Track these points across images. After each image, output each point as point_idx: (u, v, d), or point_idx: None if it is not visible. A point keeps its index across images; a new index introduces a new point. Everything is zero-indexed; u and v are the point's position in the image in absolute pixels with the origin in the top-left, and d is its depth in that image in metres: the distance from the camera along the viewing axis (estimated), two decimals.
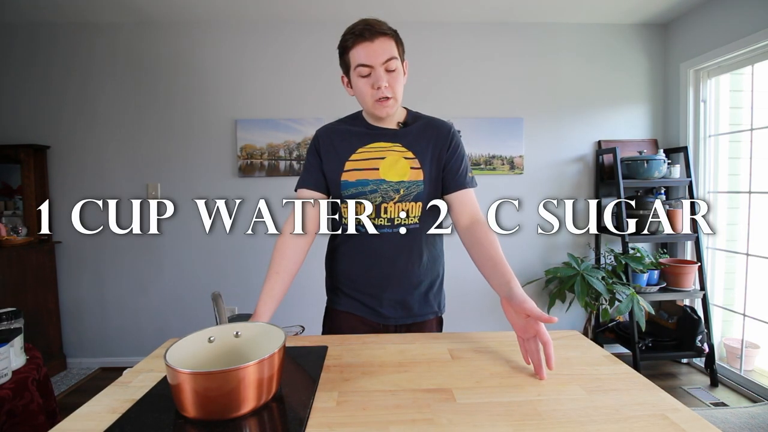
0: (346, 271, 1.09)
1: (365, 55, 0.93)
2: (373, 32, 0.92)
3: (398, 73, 0.96)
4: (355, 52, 0.94)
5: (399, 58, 0.97)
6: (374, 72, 0.94)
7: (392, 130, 1.04)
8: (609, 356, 0.83)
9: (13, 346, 1.39)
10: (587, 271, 2.36)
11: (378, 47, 0.93)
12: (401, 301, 1.06)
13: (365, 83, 0.96)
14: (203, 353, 0.71)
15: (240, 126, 2.59)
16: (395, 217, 1.02)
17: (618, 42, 2.71)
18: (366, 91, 0.96)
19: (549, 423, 0.59)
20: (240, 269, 2.67)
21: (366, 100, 0.98)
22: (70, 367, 2.64)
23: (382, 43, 0.93)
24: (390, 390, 0.69)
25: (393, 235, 1.03)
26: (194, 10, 2.44)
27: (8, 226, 2.43)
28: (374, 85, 0.94)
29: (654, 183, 2.47)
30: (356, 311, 1.08)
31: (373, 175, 1.01)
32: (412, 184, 1.01)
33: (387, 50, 0.94)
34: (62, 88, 2.58)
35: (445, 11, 2.52)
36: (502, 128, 2.67)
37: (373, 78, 0.94)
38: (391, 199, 1.01)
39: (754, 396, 2.18)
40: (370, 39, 0.92)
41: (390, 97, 0.96)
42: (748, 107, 2.36)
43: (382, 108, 0.97)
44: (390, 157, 1.01)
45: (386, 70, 0.94)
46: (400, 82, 0.98)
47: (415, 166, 1.01)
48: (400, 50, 0.98)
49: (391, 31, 0.96)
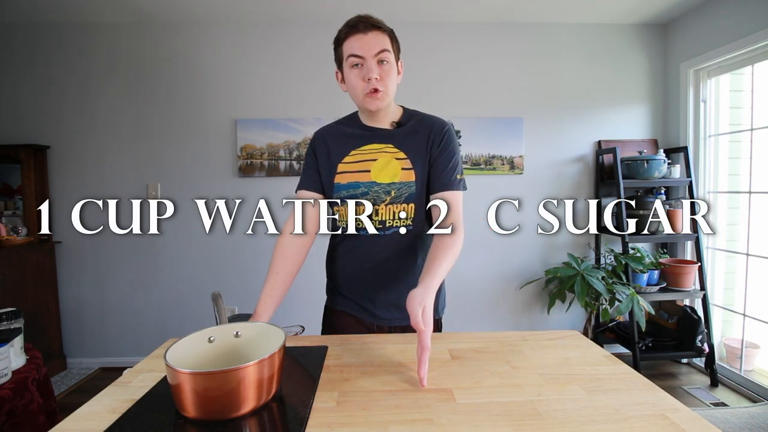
0: (341, 272, 1.09)
1: (358, 46, 0.93)
2: (367, 25, 0.93)
3: (390, 66, 0.96)
4: (348, 44, 0.94)
5: (392, 53, 0.96)
6: (365, 63, 0.93)
7: (386, 130, 1.03)
8: (609, 356, 0.83)
9: (13, 346, 1.39)
10: (587, 271, 2.36)
11: (371, 39, 0.93)
12: (395, 303, 1.05)
13: (356, 75, 0.95)
14: (203, 353, 0.71)
15: (240, 126, 2.59)
16: (387, 219, 1.00)
17: (618, 42, 2.71)
18: (357, 84, 0.95)
19: (549, 423, 0.59)
20: (240, 269, 2.67)
21: (357, 93, 0.97)
22: (70, 367, 2.64)
23: (375, 36, 0.93)
24: (390, 390, 0.69)
25: (385, 237, 1.01)
26: (194, 10, 2.44)
27: (8, 226, 2.43)
28: (365, 77, 0.94)
29: (654, 183, 2.47)
30: (352, 311, 1.08)
31: (364, 178, 1.00)
32: (403, 186, 0.99)
33: (380, 43, 0.93)
34: (62, 88, 2.58)
35: (445, 11, 2.52)
36: (502, 128, 2.67)
37: (364, 70, 0.94)
38: (382, 201, 1.00)
39: (754, 396, 2.18)
40: (364, 31, 0.93)
41: (380, 90, 0.94)
42: (748, 107, 2.36)
43: (372, 101, 0.96)
44: (381, 159, 1.00)
45: (378, 62, 0.94)
46: (392, 77, 0.97)
47: (406, 167, 1.00)
48: (395, 47, 0.98)
49: (386, 27, 0.96)
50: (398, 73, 1.01)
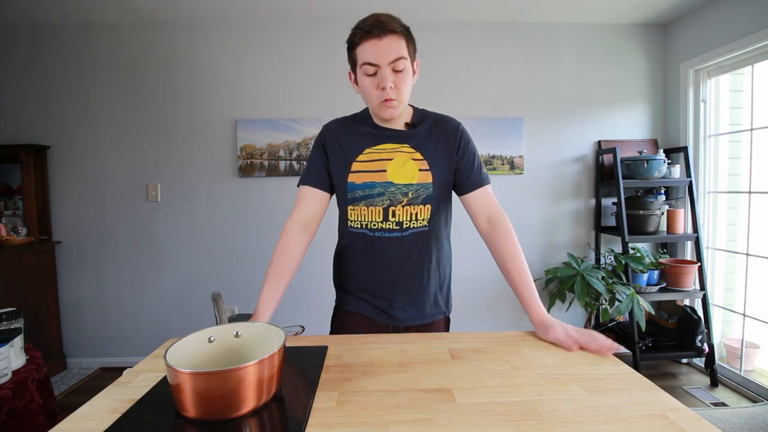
0: (355, 273, 1.07)
1: (372, 54, 0.90)
2: (383, 30, 0.89)
3: (406, 73, 0.93)
4: (362, 49, 0.91)
5: (408, 58, 0.94)
6: (380, 71, 0.91)
7: (400, 131, 1.02)
8: (609, 356, 0.83)
9: (13, 346, 1.39)
10: (587, 271, 2.36)
11: (386, 46, 0.89)
12: (412, 303, 1.05)
13: (371, 82, 0.93)
14: (203, 353, 0.70)
15: (240, 126, 2.59)
16: (404, 221, 1.00)
17: (618, 42, 2.71)
18: (371, 92, 0.94)
19: (549, 423, 0.59)
20: (240, 269, 2.67)
21: (371, 100, 0.95)
22: (70, 367, 2.64)
23: (391, 41, 0.89)
24: (390, 390, 0.69)
25: (402, 238, 1.00)
26: (195, 10, 2.44)
27: (8, 226, 2.43)
28: (379, 86, 0.92)
29: (654, 183, 2.47)
30: (366, 312, 1.06)
31: (380, 178, 0.99)
32: (420, 187, 0.99)
33: (395, 49, 0.90)
34: (63, 88, 2.58)
35: (445, 12, 2.51)
36: (502, 128, 2.67)
37: (378, 78, 0.92)
38: (399, 202, 0.99)
39: (754, 396, 2.18)
40: (379, 37, 0.89)
41: (394, 99, 0.93)
42: (748, 107, 2.36)
43: (387, 110, 0.95)
44: (398, 159, 0.99)
45: (393, 70, 0.91)
46: (408, 84, 0.95)
47: (423, 168, 0.99)
48: (411, 49, 0.95)
49: (402, 28, 0.92)
50: (414, 74, 0.98)
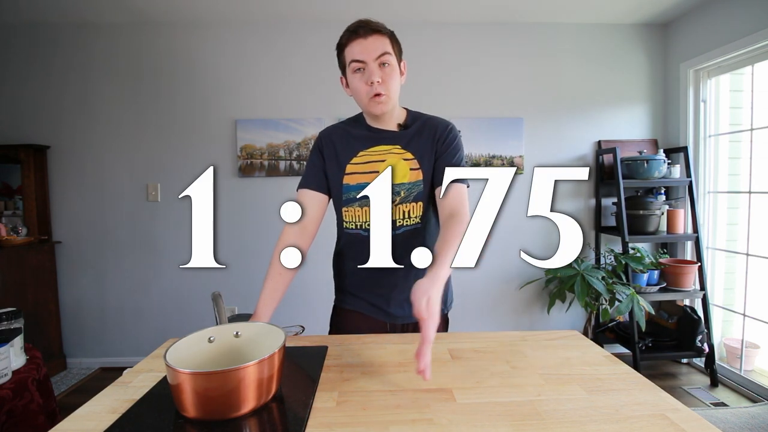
0: (352, 272, 1.09)
1: (359, 51, 0.94)
2: (368, 29, 0.94)
3: (392, 69, 0.97)
4: (350, 49, 0.96)
5: (394, 56, 0.98)
6: (367, 67, 0.95)
7: (392, 132, 1.05)
8: (609, 356, 0.83)
9: (13, 346, 1.38)
10: (587, 271, 2.36)
11: (371, 43, 0.94)
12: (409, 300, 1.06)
13: (359, 79, 0.96)
14: (203, 353, 0.71)
15: (240, 126, 2.59)
16: (397, 219, 1.02)
17: (618, 42, 2.71)
18: (360, 88, 0.97)
19: (549, 423, 0.59)
20: (240, 269, 2.67)
21: (361, 97, 0.98)
22: (70, 367, 2.64)
23: (376, 40, 0.94)
24: (390, 390, 0.69)
25: (395, 236, 1.02)
26: (194, 10, 2.44)
27: (8, 226, 2.43)
28: (367, 81, 0.95)
29: (654, 183, 2.47)
30: (363, 310, 1.09)
31: (373, 179, 1.01)
32: (412, 185, 1.02)
33: (380, 46, 0.95)
34: (62, 88, 2.58)
35: (445, 11, 2.51)
36: (502, 128, 2.67)
37: (366, 74, 0.95)
38: (392, 201, 1.01)
39: (754, 396, 2.18)
40: (364, 36, 0.94)
41: (383, 94, 0.96)
42: (748, 107, 2.36)
43: (376, 105, 0.97)
44: (390, 160, 1.02)
45: (380, 65, 0.95)
46: (395, 79, 0.98)
47: (414, 167, 1.02)
48: (396, 49, 0.99)
49: (386, 30, 0.98)
50: (401, 74, 1.02)
